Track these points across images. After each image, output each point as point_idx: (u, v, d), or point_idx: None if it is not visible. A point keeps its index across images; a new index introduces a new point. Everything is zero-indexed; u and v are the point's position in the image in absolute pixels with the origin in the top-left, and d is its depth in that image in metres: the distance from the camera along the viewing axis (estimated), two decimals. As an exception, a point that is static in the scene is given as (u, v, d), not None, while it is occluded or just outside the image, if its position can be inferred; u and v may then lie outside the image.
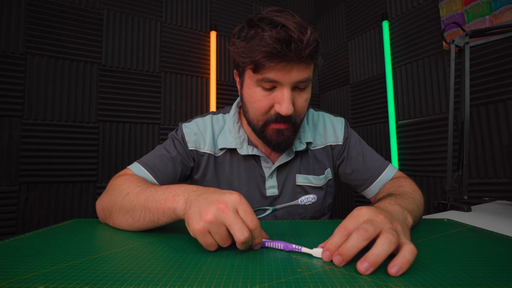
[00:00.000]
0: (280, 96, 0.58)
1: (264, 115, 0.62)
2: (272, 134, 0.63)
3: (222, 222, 0.38)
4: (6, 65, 1.33)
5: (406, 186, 0.63)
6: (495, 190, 1.16)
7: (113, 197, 0.55)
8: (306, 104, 0.63)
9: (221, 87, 1.86)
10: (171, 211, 0.45)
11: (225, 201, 0.39)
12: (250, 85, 0.62)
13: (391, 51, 1.63)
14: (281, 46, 0.53)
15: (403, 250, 0.33)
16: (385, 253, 0.32)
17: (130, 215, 0.50)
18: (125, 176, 0.61)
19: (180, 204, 0.44)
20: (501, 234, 0.49)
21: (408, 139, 1.53)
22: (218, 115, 0.76)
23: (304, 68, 0.58)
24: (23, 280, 0.30)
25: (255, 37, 0.56)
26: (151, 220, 0.48)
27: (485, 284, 0.29)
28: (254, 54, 0.56)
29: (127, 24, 1.63)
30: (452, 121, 0.94)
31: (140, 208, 0.49)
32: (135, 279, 0.30)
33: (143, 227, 0.50)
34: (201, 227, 0.38)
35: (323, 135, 0.76)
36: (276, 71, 0.56)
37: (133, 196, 0.52)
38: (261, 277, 0.31)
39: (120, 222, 0.52)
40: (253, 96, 0.61)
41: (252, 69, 0.58)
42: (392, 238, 0.33)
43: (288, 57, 0.54)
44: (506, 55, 1.14)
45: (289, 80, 0.57)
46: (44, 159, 1.38)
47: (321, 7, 2.24)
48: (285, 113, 0.58)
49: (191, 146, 0.71)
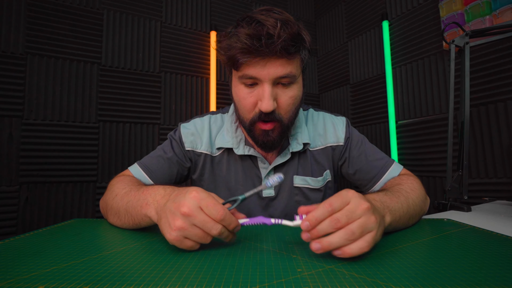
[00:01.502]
0: (261, 92, 0.58)
1: (250, 113, 0.62)
2: (259, 134, 0.63)
3: (192, 224, 0.39)
4: (6, 65, 1.33)
5: (405, 184, 0.61)
6: (495, 190, 1.16)
7: (107, 197, 0.59)
8: (292, 102, 0.61)
9: (221, 87, 1.86)
10: (148, 218, 0.47)
11: (186, 203, 0.39)
12: (236, 83, 0.63)
13: (391, 51, 1.63)
14: (252, 41, 0.53)
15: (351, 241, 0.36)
16: (337, 245, 0.35)
17: (118, 217, 0.54)
18: (120, 177, 0.64)
19: (153, 214, 0.46)
20: (501, 234, 0.49)
21: (408, 139, 1.53)
22: (216, 115, 0.76)
23: (284, 63, 0.57)
24: (23, 280, 0.30)
25: (233, 35, 0.57)
26: (134, 223, 0.51)
27: (485, 284, 0.29)
28: (231, 52, 0.57)
29: (127, 24, 1.63)
30: (452, 121, 0.94)
31: (124, 211, 0.52)
32: (135, 279, 0.30)
33: (130, 227, 0.53)
34: (174, 236, 0.39)
35: (323, 135, 0.75)
36: (252, 67, 0.56)
37: (118, 198, 0.55)
38: (261, 277, 0.31)
39: (113, 222, 0.56)
40: (238, 94, 0.62)
41: (234, 67, 0.60)
42: (352, 236, 0.35)
43: (262, 52, 0.54)
44: (506, 55, 1.14)
45: (268, 76, 0.57)
46: (44, 159, 1.38)
47: (321, 7, 2.24)
48: (265, 109, 0.57)
49: (188, 146, 0.72)
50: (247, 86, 0.60)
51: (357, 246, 0.35)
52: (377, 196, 0.48)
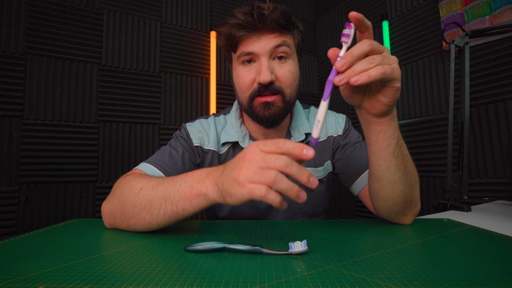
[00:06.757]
0: (259, 66, 0.62)
1: (248, 90, 0.64)
2: (260, 109, 0.64)
3: (263, 166, 0.36)
4: (6, 65, 1.33)
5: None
6: (495, 190, 1.16)
7: (124, 195, 0.51)
8: (290, 75, 0.64)
9: (221, 87, 1.86)
10: (202, 198, 0.43)
11: (247, 153, 0.38)
12: (236, 67, 0.67)
13: (391, 51, 1.63)
14: (245, 16, 0.60)
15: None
16: (359, 51, 0.39)
17: (147, 211, 0.47)
18: (130, 176, 0.57)
19: (210, 188, 0.42)
20: (501, 234, 0.49)
21: (408, 139, 1.53)
22: (219, 116, 0.78)
23: (277, 35, 0.62)
24: (23, 280, 0.30)
25: (230, 16, 0.64)
26: (174, 212, 0.45)
27: (485, 284, 0.29)
28: (228, 31, 0.63)
29: (127, 24, 1.63)
30: (452, 121, 0.94)
31: (159, 201, 0.46)
32: (135, 279, 0.30)
33: (164, 221, 0.47)
34: (258, 189, 0.35)
35: (324, 127, 0.77)
36: (248, 42, 0.62)
37: (148, 190, 0.48)
38: (261, 277, 0.31)
39: (136, 222, 0.48)
40: (238, 75, 0.66)
41: (232, 49, 0.65)
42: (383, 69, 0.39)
43: (255, 27, 0.60)
44: (506, 55, 1.14)
45: (264, 48, 0.61)
46: (44, 159, 1.38)
47: (321, 7, 2.24)
48: (264, 79, 0.60)
49: (196, 142, 0.72)
50: (245, 64, 0.64)
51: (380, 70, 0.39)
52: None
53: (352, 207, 1.93)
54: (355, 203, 1.90)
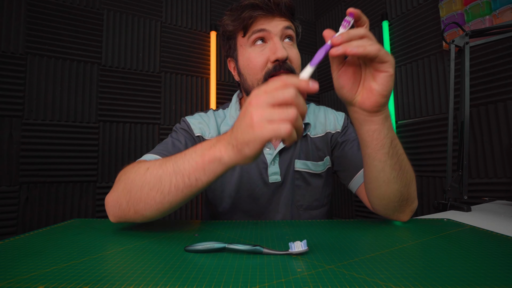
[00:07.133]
0: (272, 45, 0.64)
1: (262, 70, 0.65)
2: None
3: (274, 103, 0.35)
4: (6, 65, 1.33)
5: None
6: (495, 190, 1.16)
7: (129, 179, 0.48)
8: (299, 58, 0.67)
9: (221, 87, 1.86)
10: (217, 163, 0.40)
11: (252, 98, 0.37)
12: (244, 51, 0.67)
13: (391, 51, 1.62)
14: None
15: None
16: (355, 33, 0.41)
17: (157, 189, 0.44)
18: (135, 163, 0.53)
19: (224, 149, 0.40)
20: (501, 234, 0.49)
21: (408, 139, 1.53)
22: (218, 111, 0.79)
23: (286, 20, 0.66)
24: (23, 280, 0.30)
25: (239, 4, 0.66)
26: (187, 185, 0.42)
27: (485, 284, 0.29)
28: (240, 13, 0.64)
29: (127, 24, 1.63)
30: (452, 121, 0.94)
31: (169, 176, 0.43)
32: (135, 279, 0.30)
33: (177, 198, 0.44)
34: (284, 127, 0.34)
35: (323, 123, 0.77)
36: (262, 20, 0.64)
37: (156, 168, 0.45)
38: (261, 277, 0.31)
39: (146, 205, 0.45)
40: (248, 58, 0.66)
41: (243, 32, 0.66)
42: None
43: (269, 8, 0.63)
44: (506, 55, 1.14)
45: (276, 27, 0.64)
46: (44, 159, 1.38)
47: (321, 7, 2.24)
48: (281, 55, 0.61)
49: (197, 132, 0.72)
50: (256, 45, 0.65)
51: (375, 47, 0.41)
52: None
53: (352, 207, 1.92)
54: (355, 203, 1.90)
